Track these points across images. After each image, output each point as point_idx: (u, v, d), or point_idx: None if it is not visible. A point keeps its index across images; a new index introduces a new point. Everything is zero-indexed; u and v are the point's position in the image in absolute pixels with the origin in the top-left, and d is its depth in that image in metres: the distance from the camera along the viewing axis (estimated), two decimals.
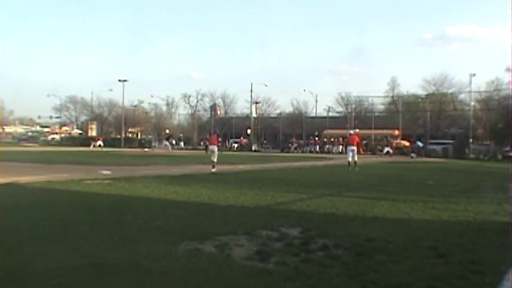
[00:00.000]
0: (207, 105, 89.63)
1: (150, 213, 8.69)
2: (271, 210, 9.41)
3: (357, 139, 25.25)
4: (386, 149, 51.09)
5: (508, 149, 45.87)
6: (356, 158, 23.82)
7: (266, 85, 69.76)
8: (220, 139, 37.50)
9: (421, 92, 70.17)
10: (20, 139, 74.46)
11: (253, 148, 59.94)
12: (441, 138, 59.00)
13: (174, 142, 47.34)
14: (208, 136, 24.74)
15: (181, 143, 60.23)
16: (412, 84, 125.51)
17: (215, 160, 20.63)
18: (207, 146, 29.92)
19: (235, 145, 63.68)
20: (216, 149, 21.46)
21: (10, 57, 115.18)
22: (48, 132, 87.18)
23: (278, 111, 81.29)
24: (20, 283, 4.46)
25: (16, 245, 5.89)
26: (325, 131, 64.39)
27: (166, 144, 46.56)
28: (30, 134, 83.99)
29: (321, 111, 77.52)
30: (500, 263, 5.50)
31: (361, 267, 5.10)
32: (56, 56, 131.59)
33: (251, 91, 70.66)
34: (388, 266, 5.16)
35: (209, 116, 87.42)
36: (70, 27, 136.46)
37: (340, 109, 78.90)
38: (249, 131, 67.63)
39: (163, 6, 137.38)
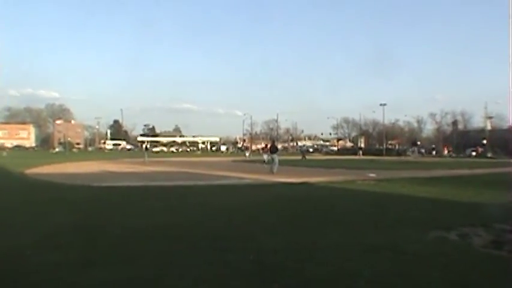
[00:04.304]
0: (449, 121, 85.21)
1: (405, 207, 8.60)
2: (508, 207, 8.31)
3: None
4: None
5: None
6: None
7: (498, 102, 62.74)
8: None
9: None
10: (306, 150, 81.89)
11: (488, 155, 53.07)
12: None
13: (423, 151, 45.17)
14: None
15: (434, 152, 57.41)
16: None
17: None
18: None
19: (474, 153, 57.69)
20: None
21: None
22: (328, 144, 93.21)
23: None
24: (308, 256, 4.86)
25: (306, 225, 6.57)
26: None
27: (414, 150, 44.79)
28: (315, 146, 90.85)
29: None
30: None
31: None
32: (334, 85, 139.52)
33: (485, 108, 71.15)
34: None
35: (451, 130, 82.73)
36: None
37: None
38: (484, 141, 65.03)
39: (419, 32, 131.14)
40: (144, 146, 39.00)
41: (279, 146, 43.87)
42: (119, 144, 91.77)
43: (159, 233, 5.86)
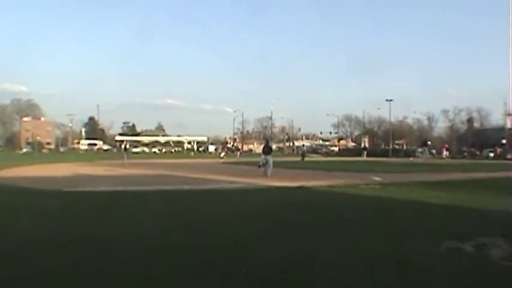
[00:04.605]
0: (464, 119, 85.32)
1: (414, 214, 8.61)
2: None
3: None
4: None
5: None
6: None
7: None
8: None
9: None
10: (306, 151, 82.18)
11: (508, 156, 53.04)
12: None
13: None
14: None
15: (447, 153, 57.75)
16: None
17: None
18: None
19: (491, 154, 57.60)
20: None
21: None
22: (328, 145, 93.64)
23: None
24: (305, 269, 4.78)
25: (304, 235, 6.53)
26: None
27: (424, 151, 45.12)
28: (314, 146, 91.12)
29: None
30: None
31: None
32: (335, 79, 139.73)
33: (504, 104, 71.11)
34: None
35: (466, 128, 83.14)
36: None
37: None
38: (503, 141, 64.38)
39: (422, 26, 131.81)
40: (123, 146, 38.84)
41: (273, 146, 44.02)
42: (95, 144, 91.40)
43: (137, 244, 5.79)
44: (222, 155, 50.40)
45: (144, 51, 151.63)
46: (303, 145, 67.07)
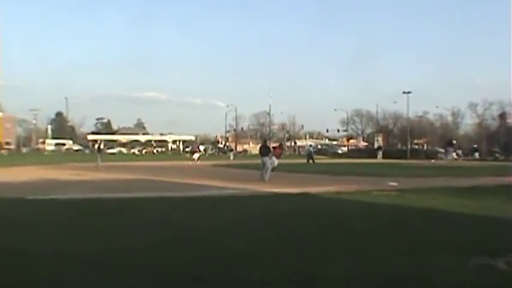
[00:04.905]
0: (495, 114, 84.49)
1: (436, 225, 8.65)
2: None
3: None
4: None
5: None
6: None
7: None
8: None
9: None
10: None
11: None
12: None
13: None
14: None
15: (476, 154, 57.77)
16: None
17: None
18: None
19: None
20: None
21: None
22: (336, 144, 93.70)
23: None
24: (309, 285, 4.87)
25: (306, 249, 6.55)
26: None
27: (448, 151, 45.09)
28: (319, 146, 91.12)
29: None
30: None
31: None
32: (344, 69, 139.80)
33: None
34: None
35: (498, 125, 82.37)
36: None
37: None
38: None
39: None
40: (96, 146, 38.80)
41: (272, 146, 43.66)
42: (64, 144, 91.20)
43: (110, 261, 5.74)
44: (196, 156, 45.86)
45: (121, 37, 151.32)
46: (310, 145, 66.77)
